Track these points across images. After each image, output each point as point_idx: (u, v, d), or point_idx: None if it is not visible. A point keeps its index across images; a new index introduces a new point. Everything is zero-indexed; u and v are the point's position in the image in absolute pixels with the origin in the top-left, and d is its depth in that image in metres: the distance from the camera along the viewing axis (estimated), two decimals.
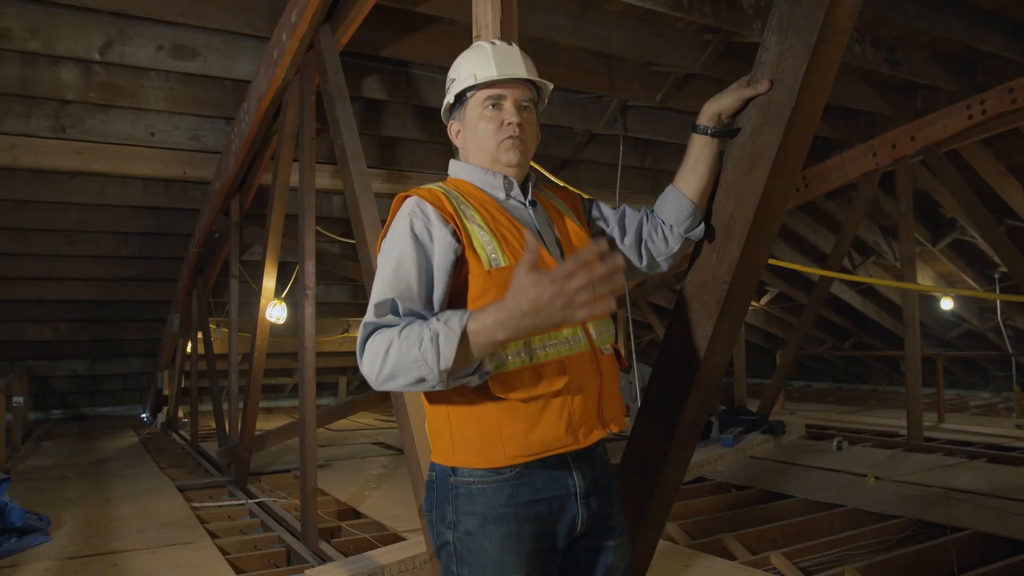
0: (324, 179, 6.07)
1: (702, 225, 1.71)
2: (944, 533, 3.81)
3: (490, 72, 1.50)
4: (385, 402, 4.33)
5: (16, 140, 5.30)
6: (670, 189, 1.70)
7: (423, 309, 1.35)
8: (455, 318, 1.23)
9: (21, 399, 8.16)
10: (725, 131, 1.70)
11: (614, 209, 1.72)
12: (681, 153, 1.73)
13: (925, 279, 8.79)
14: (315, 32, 3.75)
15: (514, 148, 1.50)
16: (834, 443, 6.48)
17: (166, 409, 9.73)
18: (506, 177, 1.52)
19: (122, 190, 6.50)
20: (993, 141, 6.31)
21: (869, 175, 6.40)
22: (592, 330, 1.46)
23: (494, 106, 1.51)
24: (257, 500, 5.06)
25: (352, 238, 3.39)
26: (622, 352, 1.58)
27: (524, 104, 1.53)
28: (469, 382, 1.32)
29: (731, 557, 3.77)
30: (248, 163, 5.45)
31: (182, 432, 9.08)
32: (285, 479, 5.93)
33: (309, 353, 3.96)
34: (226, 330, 7.71)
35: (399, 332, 1.27)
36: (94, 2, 4.17)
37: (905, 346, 6.46)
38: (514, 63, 1.53)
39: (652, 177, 7.31)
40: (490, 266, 1.38)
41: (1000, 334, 9.30)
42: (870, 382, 12.68)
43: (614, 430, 1.48)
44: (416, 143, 6.35)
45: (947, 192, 6.41)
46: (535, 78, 1.56)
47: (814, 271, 8.05)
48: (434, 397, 1.43)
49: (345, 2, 3.61)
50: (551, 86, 1.60)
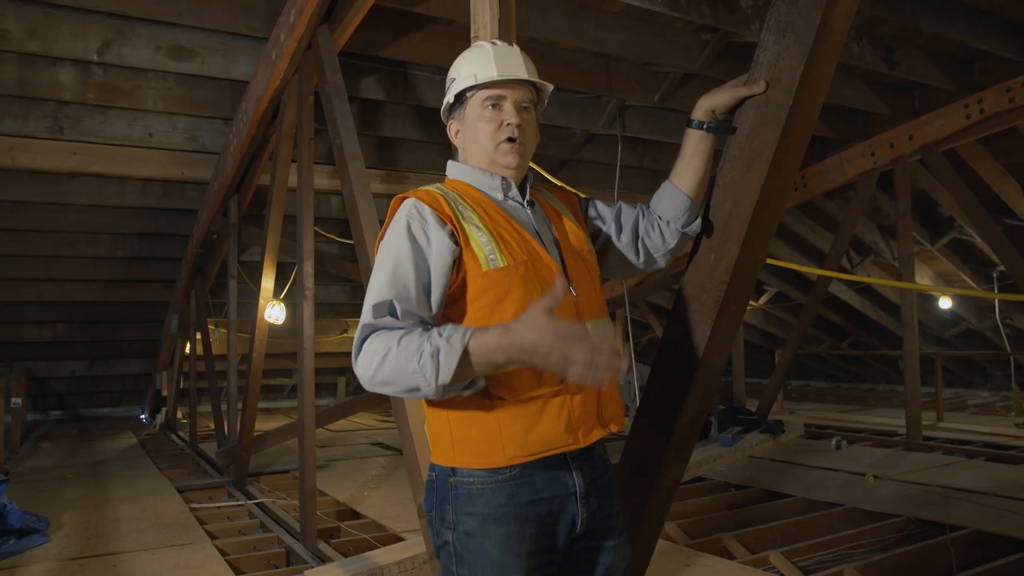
0: (322, 179, 6.07)
1: (699, 220, 1.71)
2: (943, 532, 3.81)
3: (490, 72, 1.50)
4: (384, 403, 4.33)
5: (14, 141, 5.30)
6: (666, 185, 1.70)
7: (420, 311, 1.35)
8: (457, 335, 1.23)
9: (20, 400, 8.16)
10: (720, 127, 1.70)
11: (610, 207, 1.72)
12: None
13: (923, 278, 8.80)
14: (313, 32, 3.75)
15: (512, 151, 1.49)
16: (833, 442, 6.48)
17: (165, 410, 9.73)
18: (504, 178, 1.52)
19: (120, 191, 6.50)
20: (991, 140, 6.32)
21: (867, 174, 6.40)
22: (591, 330, 1.46)
23: (494, 106, 1.50)
24: (256, 501, 5.05)
25: (351, 239, 3.39)
26: (621, 351, 1.57)
27: (524, 105, 1.53)
28: (462, 394, 1.32)
29: (730, 556, 3.77)
30: (246, 164, 5.44)
31: (181, 433, 9.07)
32: (284, 480, 5.93)
33: (308, 354, 3.96)
34: (225, 331, 7.71)
35: (398, 340, 1.27)
36: (92, 3, 4.17)
37: (904, 345, 6.46)
38: (515, 64, 1.53)
39: (651, 177, 7.32)
40: (488, 267, 1.38)
41: (998, 333, 9.31)
42: (869, 381, 12.68)
43: (613, 429, 1.48)
44: (414, 143, 6.35)
45: (945, 191, 6.41)
46: (535, 79, 1.55)
47: (812, 271, 8.05)
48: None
49: (343, 2, 3.60)
50: (551, 87, 1.60)
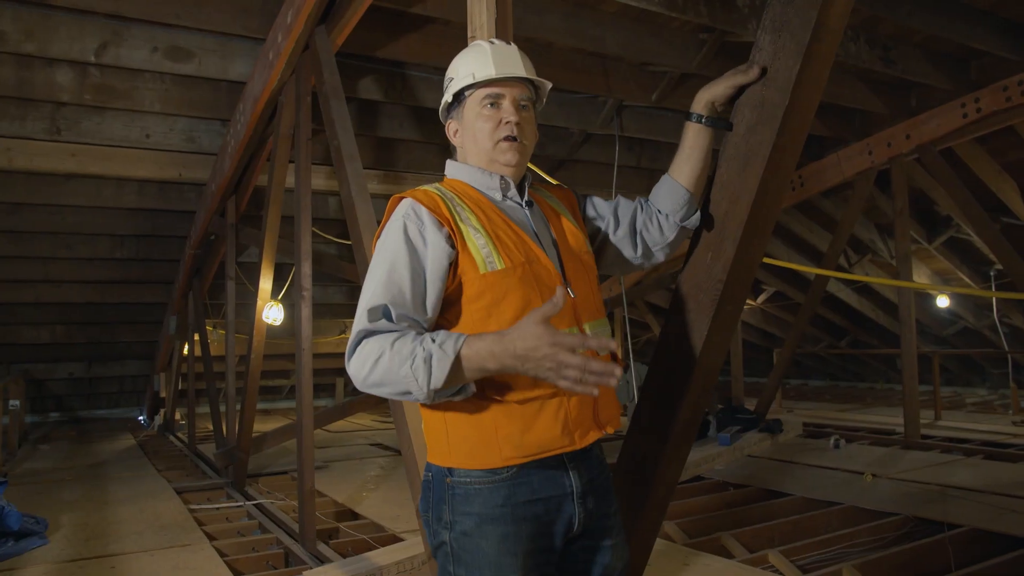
0: (320, 180, 6.07)
1: (698, 213, 1.71)
2: (941, 530, 3.82)
3: (489, 71, 1.49)
4: (383, 403, 4.34)
5: (11, 143, 5.30)
6: (665, 178, 1.70)
7: (416, 315, 1.35)
8: (450, 341, 1.24)
9: (18, 402, 8.14)
10: (719, 121, 1.69)
11: (608, 201, 1.72)
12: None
13: (921, 277, 8.81)
14: (310, 33, 3.74)
15: (512, 149, 1.49)
16: (831, 441, 6.49)
17: (163, 411, 9.72)
18: (503, 177, 1.51)
19: (118, 192, 6.49)
20: (988, 139, 6.33)
21: (865, 173, 6.41)
22: (588, 331, 1.46)
23: (492, 105, 1.50)
24: (255, 502, 5.05)
25: (348, 239, 3.39)
26: (618, 353, 1.57)
27: (522, 103, 1.52)
28: (453, 399, 1.33)
29: (729, 555, 3.78)
30: (244, 164, 5.44)
31: (179, 434, 9.06)
32: (283, 481, 5.92)
33: (306, 354, 3.95)
34: (223, 332, 7.70)
35: (391, 344, 1.28)
36: (89, 4, 4.16)
37: (901, 344, 6.47)
38: (513, 62, 1.52)
39: (648, 176, 7.32)
40: (486, 269, 1.38)
41: (996, 331, 9.32)
42: (867, 380, 12.70)
43: (610, 431, 1.48)
44: (412, 144, 6.35)
45: (942, 190, 6.43)
46: (534, 77, 1.55)
47: (810, 270, 8.06)
48: None
49: (340, 3, 3.60)
50: (549, 85, 1.60)
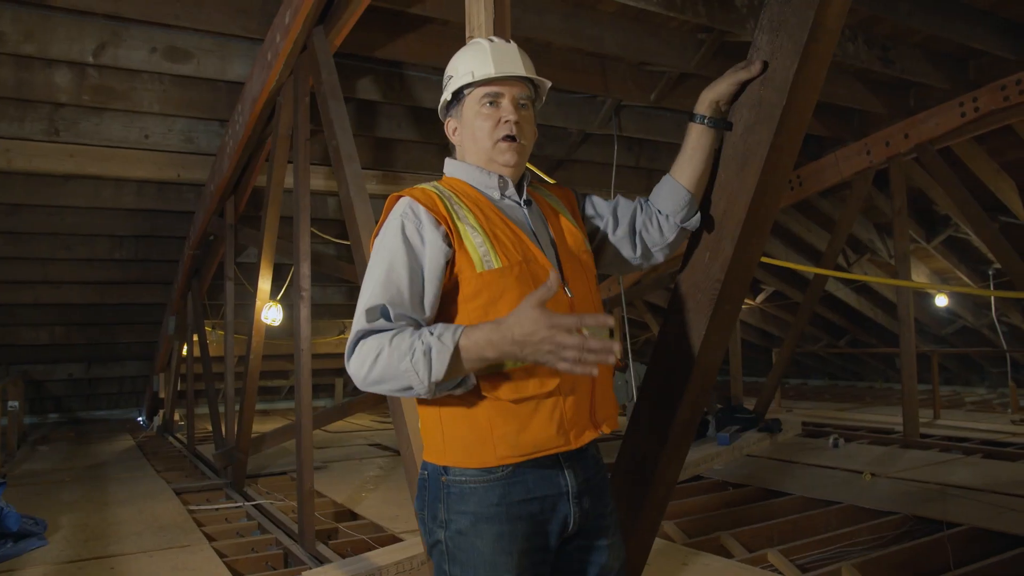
0: (319, 181, 6.07)
1: (698, 215, 1.71)
2: (940, 529, 3.82)
3: (488, 69, 1.49)
4: (382, 404, 4.34)
5: (10, 143, 5.29)
6: (666, 179, 1.69)
7: (414, 313, 1.35)
8: (448, 333, 1.24)
9: (17, 403, 8.14)
10: (722, 122, 1.69)
11: (608, 201, 1.72)
12: (676, 152, 1.73)
13: (919, 276, 8.82)
14: (309, 33, 3.74)
15: (511, 149, 1.48)
16: (830, 440, 6.49)
17: (162, 412, 9.70)
18: (501, 176, 1.51)
19: (116, 193, 6.48)
20: (986, 138, 6.33)
21: (863, 173, 6.42)
22: (586, 331, 1.47)
23: (491, 104, 1.49)
24: (254, 502, 5.05)
25: (347, 240, 3.39)
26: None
27: (522, 102, 1.52)
28: (454, 392, 1.33)
29: (728, 555, 3.78)
30: (243, 165, 5.43)
31: (179, 435, 9.05)
32: (282, 481, 5.92)
33: (305, 355, 3.95)
34: (222, 332, 7.70)
35: (390, 340, 1.28)
36: (88, 5, 4.16)
37: (900, 343, 6.48)
38: (512, 61, 1.52)
39: (647, 176, 7.32)
40: (483, 268, 1.38)
41: (995, 330, 9.32)
42: (866, 379, 12.70)
43: (606, 431, 1.47)
44: (411, 144, 6.35)
45: (941, 189, 6.43)
46: (533, 76, 1.54)
47: (809, 269, 8.06)
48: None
49: (338, 3, 3.60)
50: (549, 84, 1.59)
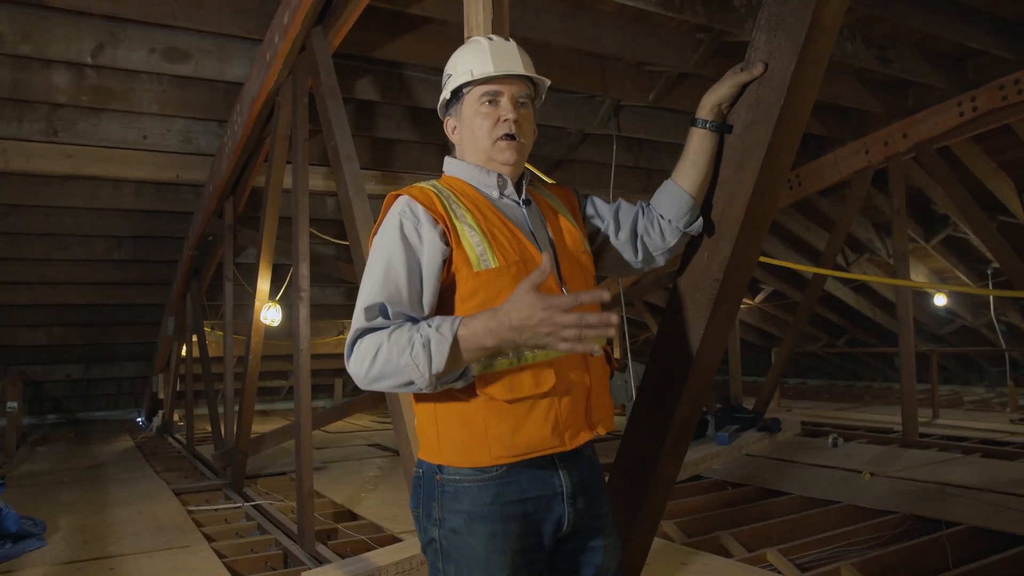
0: (318, 181, 6.07)
1: (700, 219, 1.71)
2: (939, 528, 3.83)
3: (487, 68, 1.48)
4: (381, 404, 4.33)
5: (8, 144, 5.28)
6: (668, 183, 1.69)
7: (412, 312, 1.35)
8: (446, 324, 1.25)
9: (15, 404, 8.13)
10: (724, 126, 1.69)
11: (609, 204, 1.71)
12: (675, 152, 1.73)
13: (918, 275, 8.82)
14: (307, 34, 3.74)
15: (510, 148, 1.48)
16: (829, 440, 6.50)
17: (161, 413, 9.70)
18: (500, 175, 1.51)
19: (115, 194, 6.47)
20: (984, 138, 6.34)
21: (862, 172, 6.42)
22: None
23: (491, 102, 1.49)
24: (253, 503, 5.04)
25: (346, 240, 3.39)
26: (612, 354, 1.56)
27: (521, 100, 1.51)
28: (455, 385, 1.33)
29: (727, 554, 3.78)
30: (241, 165, 5.43)
31: (178, 436, 9.05)
32: (281, 482, 5.92)
33: (304, 355, 3.95)
34: (221, 333, 7.68)
35: (388, 335, 1.28)
36: (86, 5, 4.16)
37: (899, 342, 6.48)
38: (511, 59, 1.51)
39: (646, 176, 7.33)
40: (479, 267, 1.38)
41: (993, 329, 9.33)
42: (865, 379, 12.71)
43: (601, 432, 1.47)
44: (409, 144, 6.35)
45: (939, 189, 6.44)
46: (532, 74, 1.53)
47: (808, 268, 8.06)
48: (422, 395, 1.43)
49: (337, 3, 3.60)
50: (548, 82, 1.58)
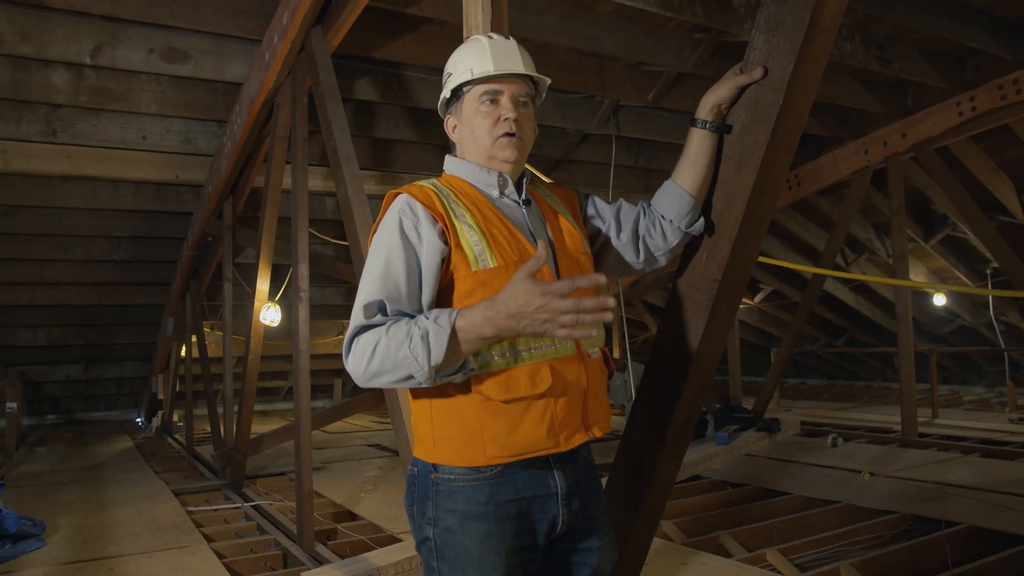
0: (317, 181, 6.07)
1: (702, 219, 1.71)
2: (939, 528, 3.83)
3: (487, 67, 1.48)
4: (380, 404, 4.33)
5: (7, 144, 5.28)
6: (668, 184, 1.68)
7: (411, 309, 1.35)
8: (444, 316, 1.25)
9: (15, 404, 8.12)
10: (724, 126, 1.69)
11: (610, 204, 1.71)
12: (674, 152, 1.73)
13: (917, 275, 8.83)
14: (306, 34, 3.74)
15: (511, 146, 1.48)
16: (829, 440, 6.50)
17: (161, 413, 9.70)
18: (500, 174, 1.50)
19: (114, 194, 6.47)
20: (983, 137, 6.35)
21: (861, 172, 6.43)
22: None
23: (491, 101, 1.49)
24: (253, 503, 5.04)
25: (345, 240, 3.39)
26: (611, 355, 1.56)
27: (521, 99, 1.51)
28: (454, 379, 1.33)
29: (727, 554, 3.78)
30: (241, 166, 5.43)
31: (177, 436, 9.04)
32: (281, 482, 5.92)
33: (303, 355, 3.95)
34: (220, 333, 7.68)
35: (387, 330, 1.28)
36: (85, 6, 4.15)
37: (898, 342, 6.49)
38: (511, 58, 1.50)
39: (645, 176, 7.33)
40: (478, 267, 1.38)
41: (993, 329, 9.33)
42: (864, 378, 12.71)
43: (597, 434, 1.47)
44: (409, 144, 6.35)
45: (938, 188, 6.44)
46: (533, 73, 1.53)
47: (807, 268, 8.07)
48: (418, 392, 1.43)
49: (336, 4, 3.60)
50: (548, 81, 1.58)
